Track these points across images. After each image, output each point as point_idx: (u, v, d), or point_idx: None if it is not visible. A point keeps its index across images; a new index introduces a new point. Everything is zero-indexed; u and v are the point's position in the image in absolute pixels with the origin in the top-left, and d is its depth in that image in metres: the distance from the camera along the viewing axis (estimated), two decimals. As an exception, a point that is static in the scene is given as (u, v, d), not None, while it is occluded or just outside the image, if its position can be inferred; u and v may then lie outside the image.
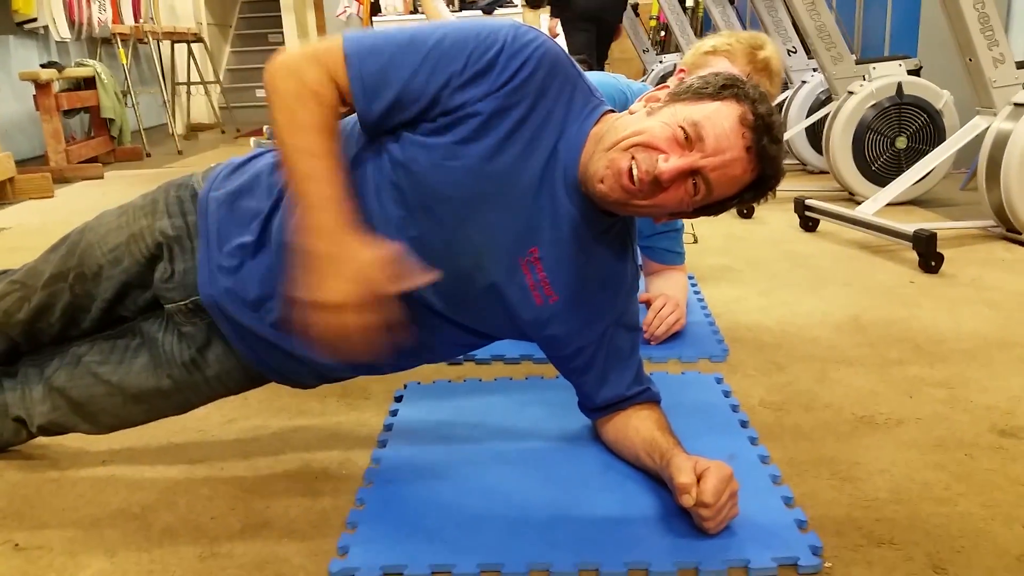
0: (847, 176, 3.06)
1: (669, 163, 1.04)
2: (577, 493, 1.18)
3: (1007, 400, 1.46)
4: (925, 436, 1.34)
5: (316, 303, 1.00)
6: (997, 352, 1.68)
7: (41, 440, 1.35)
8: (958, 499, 1.16)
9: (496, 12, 7.40)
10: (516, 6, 7.25)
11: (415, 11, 7.35)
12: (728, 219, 3.06)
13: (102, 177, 4.86)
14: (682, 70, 1.76)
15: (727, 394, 1.50)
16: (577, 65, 1.13)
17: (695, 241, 2.71)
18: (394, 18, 7.40)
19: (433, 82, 1.04)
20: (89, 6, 5.65)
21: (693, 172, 1.05)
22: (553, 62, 1.08)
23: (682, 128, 1.05)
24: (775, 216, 3.02)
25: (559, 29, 5.51)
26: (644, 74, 6.49)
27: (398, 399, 1.53)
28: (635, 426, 1.23)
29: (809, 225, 2.77)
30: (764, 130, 1.05)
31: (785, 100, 3.83)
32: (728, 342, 1.78)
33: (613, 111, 1.15)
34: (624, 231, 1.22)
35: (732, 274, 2.34)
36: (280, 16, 8.18)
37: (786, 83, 3.98)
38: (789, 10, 3.22)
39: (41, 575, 1.07)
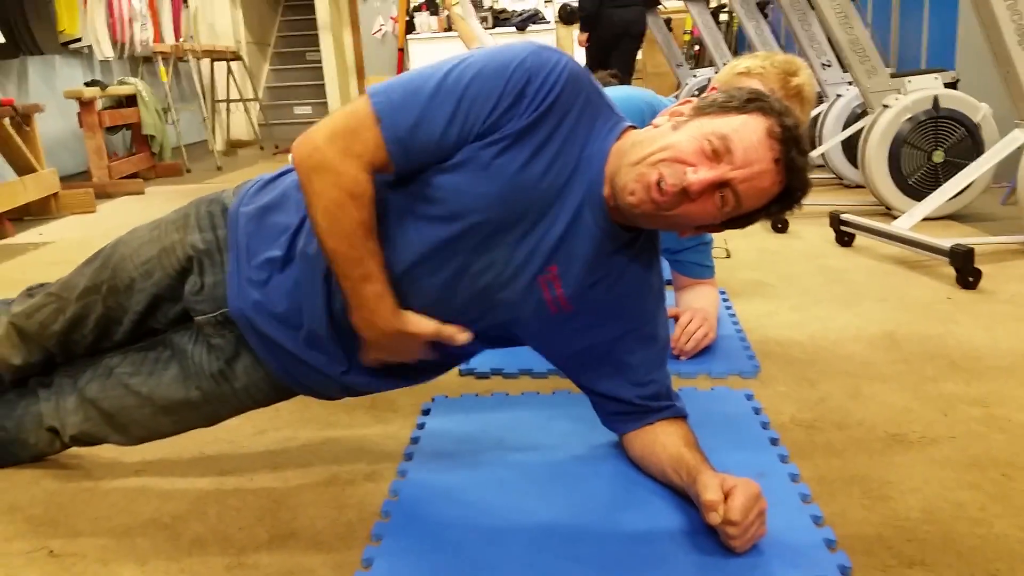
0: (883, 190, 3.02)
1: (699, 175, 1.04)
2: (602, 509, 1.18)
3: (1047, 419, 1.43)
4: (960, 455, 1.32)
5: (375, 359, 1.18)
6: (1037, 370, 1.65)
7: (77, 450, 1.38)
8: (994, 520, 1.13)
9: (529, 28, 7.46)
10: (549, 23, 7.31)
11: (448, 29, 7.42)
12: (762, 233, 3.04)
13: (143, 192, 4.96)
14: (714, 88, 1.75)
15: (757, 411, 1.48)
16: (596, 81, 1.13)
17: (728, 256, 2.69)
18: (428, 36, 7.50)
19: (467, 129, 1.06)
20: (131, 26, 5.78)
21: (722, 184, 1.05)
22: (575, 81, 1.08)
23: (710, 141, 1.05)
24: (810, 231, 2.99)
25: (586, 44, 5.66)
26: (677, 88, 6.48)
27: (426, 412, 1.54)
28: (662, 442, 1.22)
29: (845, 240, 2.74)
30: (792, 142, 1.05)
31: (820, 114, 3.80)
32: (759, 357, 1.76)
33: (635, 127, 1.16)
34: (649, 244, 1.22)
35: (765, 289, 2.32)
36: (318, 35, 8.31)
37: (821, 97, 3.94)
38: (823, 23, 3.19)
39: (71, 581, 1.08)
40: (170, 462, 1.40)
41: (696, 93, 6.08)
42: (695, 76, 6.23)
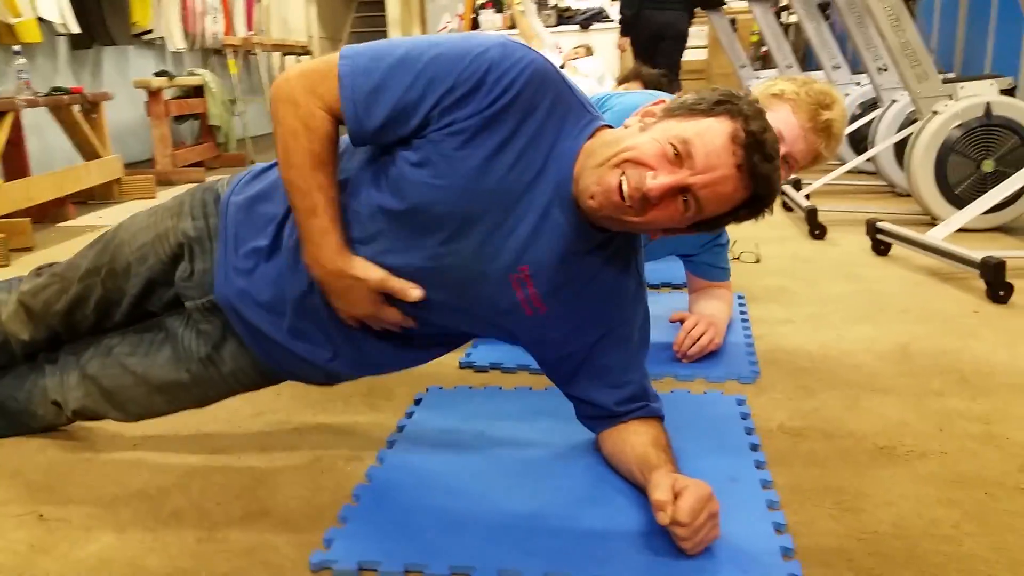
0: (928, 199, 2.93)
1: (657, 180, 1.03)
2: (565, 504, 1.18)
3: (1049, 440, 1.37)
4: (946, 471, 1.28)
5: (346, 316, 1.20)
6: (1053, 389, 1.58)
7: (84, 423, 1.45)
8: (964, 539, 1.10)
9: (592, 27, 7.44)
10: (613, 21, 7.25)
11: (512, 27, 7.45)
12: (799, 239, 2.98)
13: (203, 181, 5.12)
14: None
15: (745, 416, 1.46)
16: (568, 80, 1.13)
17: (757, 261, 2.65)
18: (492, 33, 7.55)
19: (424, 102, 1.07)
20: (203, 19, 5.98)
21: (683, 189, 1.05)
22: (542, 79, 1.08)
23: (672, 144, 1.04)
24: (848, 238, 2.92)
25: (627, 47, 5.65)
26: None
27: (417, 402, 1.57)
28: (631, 441, 1.22)
29: (881, 249, 2.67)
30: (755, 147, 1.03)
31: (872, 119, 3.69)
32: (763, 364, 1.73)
33: (610, 127, 1.15)
34: (625, 245, 1.21)
35: (786, 296, 2.28)
36: (387, 32, 8.45)
37: (875, 102, 3.84)
38: (875, 26, 3.10)
39: (54, 544, 1.14)
40: (167, 438, 1.46)
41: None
42: (758, 78, 6.12)
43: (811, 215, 2.97)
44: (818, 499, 1.21)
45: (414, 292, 1.14)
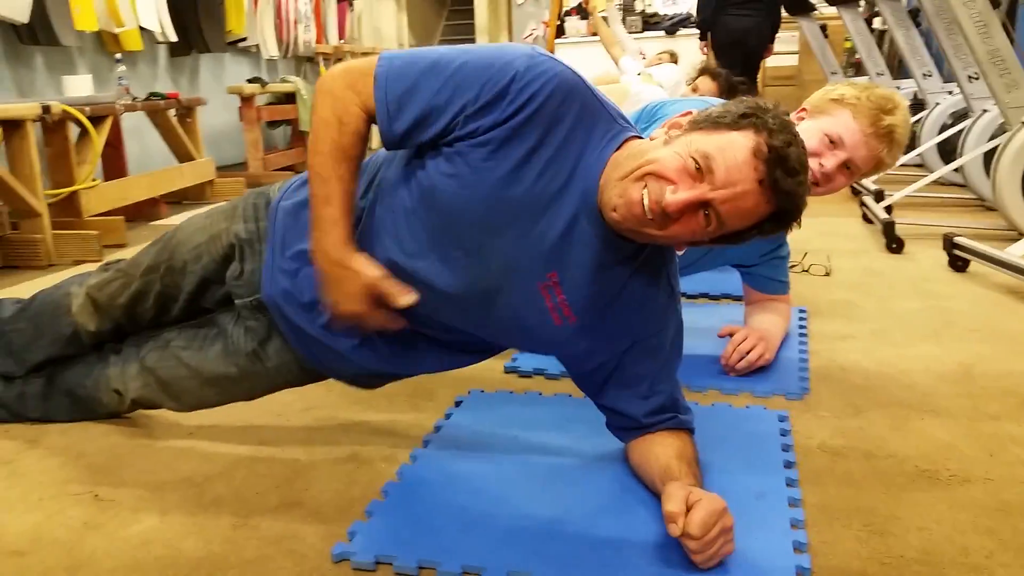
0: (1014, 214, 2.79)
1: (677, 195, 1.03)
2: (585, 512, 1.19)
3: (1110, 471, 1.30)
4: (988, 498, 1.23)
5: (332, 310, 1.19)
6: (1124, 418, 1.49)
7: (147, 412, 1.55)
8: (997, 569, 1.06)
9: (679, 32, 7.36)
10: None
11: (596, 33, 7.44)
12: (874, 253, 2.88)
13: (290, 183, 5.31)
14: (804, 109, 1.71)
15: (784, 432, 1.44)
16: (597, 91, 1.14)
17: (827, 274, 2.58)
18: (577, 40, 7.55)
19: (450, 108, 1.10)
20: (296, 27, 6.20)
21: (703, 204, 1.04)
22: (568, 91, 1.10)
23: (694, 159, 1.04)
24: (927, 253, 2.81)
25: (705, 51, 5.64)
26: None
27: (458, 404, 1.60)
28: (656, 452, 1.22)
29: (958, 265, 2.56)
30: (778, 162, 1.02)
31: (963, 130, 3.54)
32: (815, 380, 1.70)
33: (639, 137, 1.16)
34: (655, 257, 1.21)
35: (852, 310, 2.21)
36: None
37: (965, 113, 3.68)
38: (962, 33, 2.98)
39: (104, 523, 1.22)
40: (220, 428, 1.53)
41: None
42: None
43: (888, 228, 2.87)
44: (847, 520, 1.18)
45: (405, 299, 1.15)
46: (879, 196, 3.40)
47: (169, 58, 5.06)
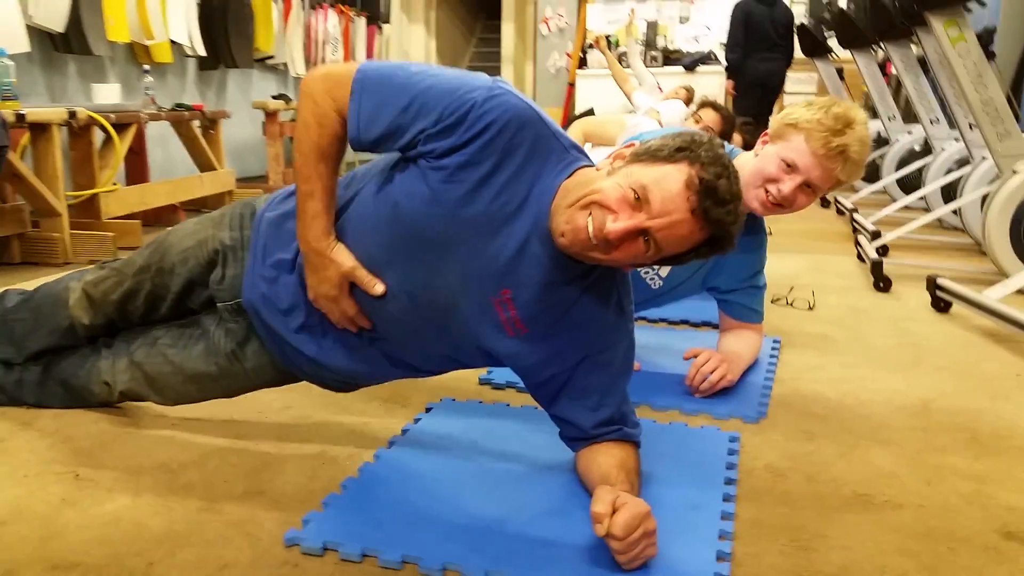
0: (1002, 259, 2.83)
1: (616, 224, 1.12)
2: (527, 513, 1.26)
3: (1041, 505, 1.35)
4: (917, 523, 1.28)
5: (314, 292, 1.32)
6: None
7: (130, 404, 1.64)
8: (908, 587, 1.11)
9: (698, 69, 7.46)
10: (720, 63, 7.26)
11: (626, 66, 7.58)
12: (861, 291, 2.93)
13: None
14: (766, 133, 1.79)
15: (732, 452, 1.50)
16: (550, 122, 1.23)
17: (810, 308, 2.64)
18: (598, 72, 7.67)
19: (413, 127, 1.19)
20: (324, 47, 6.38)
21: (642, 232, 1.12)
22: (522, 123, 1.18)
23: (633, 190, 1.12)
24: (913, 293, 2.85)
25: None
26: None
27: (428, 410, 1.68)
28: (599, 461, 1.29)
29: (941, 306, 2.60)
30: (708, 194, 1.10)
31: (961, 177, 3.60)
32: (775, 407, 1.76)
33: (589, 166, 1.24)
34: (607, 278, 1.29)
35: (827, 344, 2.27)
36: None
37: (967, 159, 3.73)
38: (957, 82, 3.04)
39: (81, 499, 1.31)
40: (202, 421, 1.62)
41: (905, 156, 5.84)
42: (909, 132, 5.99)
43: (876, 267, 2.92)
44: (775, 536, 1.24)
45: (377, 287, 1.27)
46: (875, 235, 3.46)
47: (198, 72, 5.23)
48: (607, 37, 7.93)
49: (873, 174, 5.42)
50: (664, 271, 1.96)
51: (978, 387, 1.92)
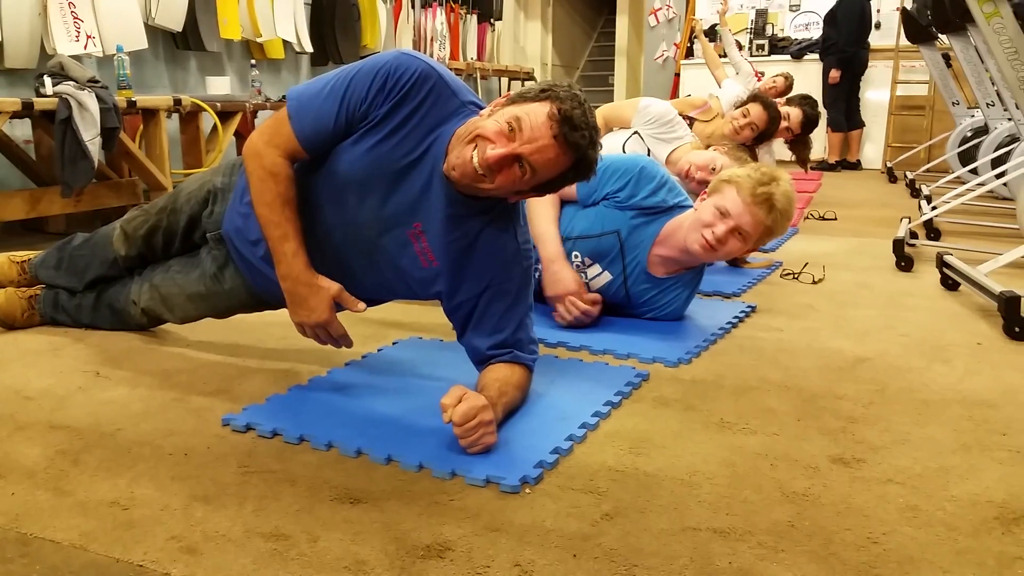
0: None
1: (496, 150, 1.36)
2: (417, 413, 1.50)
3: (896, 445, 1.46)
4: (761, 447, 1.43)
5: (301, 323, 1.57)
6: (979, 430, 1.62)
7: (165, 327, 2.01)
8: (704, 483, 1.29)
9: (805, 57, 7.35)
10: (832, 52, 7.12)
11: (724, 55, 7.55)
12: (881, 271, 2.96)
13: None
14: (705, 192, 2.07)
15: (630, 384, 1.68)
16: (452, 80, 1.48)
17: (814, 282, 2.73)
18: (703, 61, 7.69)
19: (350, 116, 1.46)
20: (432, 44, 6.79)
21: (517, 157, 1.36)
22: (425, 80, 1.44)
23: (508, 123, 1.36)
24: (933, 273, 2.85)
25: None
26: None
27: (394, 344, 1.96)
28: (487, 376, 1.52)
29: (949, 283, 2.62)
30: (565, 121, 1.34)
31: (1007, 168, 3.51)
32: (710, 355, 1.92)
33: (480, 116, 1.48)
34: (505, 214, 1.53)
35: (804, 312, 2.37)
36: (617, 60, 8.92)
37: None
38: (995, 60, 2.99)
39: (91, 388, 1.68)
40: (211, 344, 1.97)
41: (969, 135, 5.66)
42: (972, 116, 5.78)
43: (897, 246, 2.94)
44: (620, 443, 1.43)
45: (359, 305, 1.54)
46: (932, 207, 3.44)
47: (310, 67, 5.75)
48: (714, 26, 7.92)
49: (970, 163, 5.25)
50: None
51: (927, 352, 1.99)
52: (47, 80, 3.15)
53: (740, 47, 6.25)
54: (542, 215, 2.12)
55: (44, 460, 1.34)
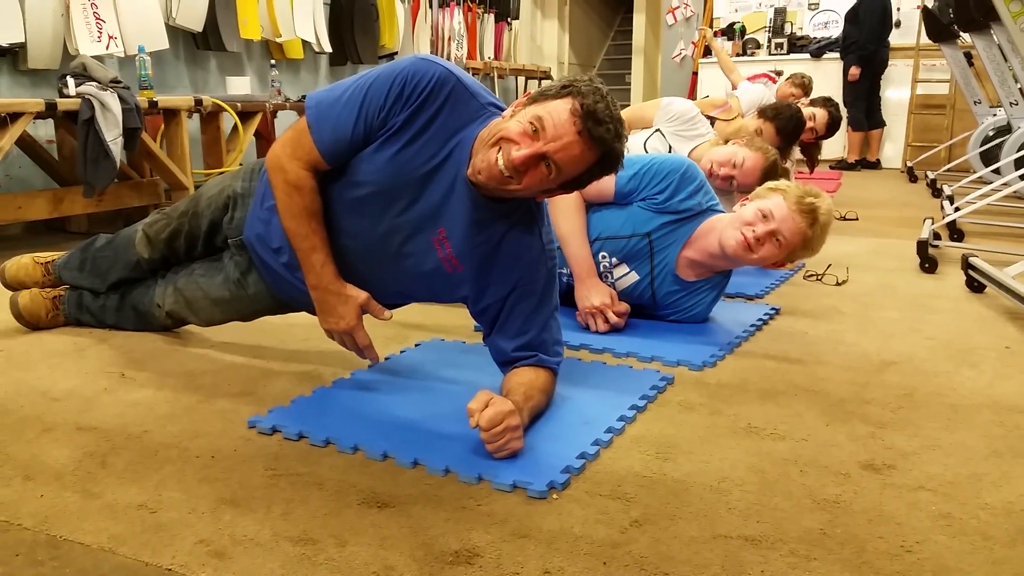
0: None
1: (521, 151, 1.35)
2: (443, 419, 1.50)
3: (926, 451, 1.45)
4: (788, 452, 1.42)
5: (330, 329, 1.61)
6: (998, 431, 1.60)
7: (187, 328, 2.02)
8: (736, 488, 1.28)
9: (824, 56, 7.30)
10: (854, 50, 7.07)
11: (741, 54, 7.53)
12: (907, 272, 2.93)
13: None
14: (746, 198, 2.06)
15: (655, 388, 1.67)
16: (472, 84, 1.47)
17: (838, 284, 2.70)
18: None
19: (369, 124, 1.45)
20: (449, 44, 6.79)
21: (542, 157, 1.35)
22: (443, 85, 1.43)
23: (531, 123, 1.35)
24: (958, 274, 2.82)
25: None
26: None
27: (416, 346, 1.96)
28: (512, 380, 1.52)
29: (975, 285, 2.59)
30: (589, 116, 1.32)
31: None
32: (734, 359, 1.91)
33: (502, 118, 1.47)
34: (528, 215, 1.52)
35: (829, 314, 2.35)
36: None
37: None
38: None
39: (117, 390, 1.69)
40: (235, 344, 1.98)
41: (991, 134, 5.62)
42: (994, 115, 5.72)
43: (921, 247, 2.92)
44: (646, 448, 1.42)
45: (386, 313, 1.57)
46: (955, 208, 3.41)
47: (329, 67, 5.76)
48: (732, 24, 7.90)
49: (992, 162, 5.20)
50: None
51: (954, 356, 1.97)
52: (70, 81, 3.17)
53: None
54: (570, 226, 2.10)
55: (72, 462, 1.35)
